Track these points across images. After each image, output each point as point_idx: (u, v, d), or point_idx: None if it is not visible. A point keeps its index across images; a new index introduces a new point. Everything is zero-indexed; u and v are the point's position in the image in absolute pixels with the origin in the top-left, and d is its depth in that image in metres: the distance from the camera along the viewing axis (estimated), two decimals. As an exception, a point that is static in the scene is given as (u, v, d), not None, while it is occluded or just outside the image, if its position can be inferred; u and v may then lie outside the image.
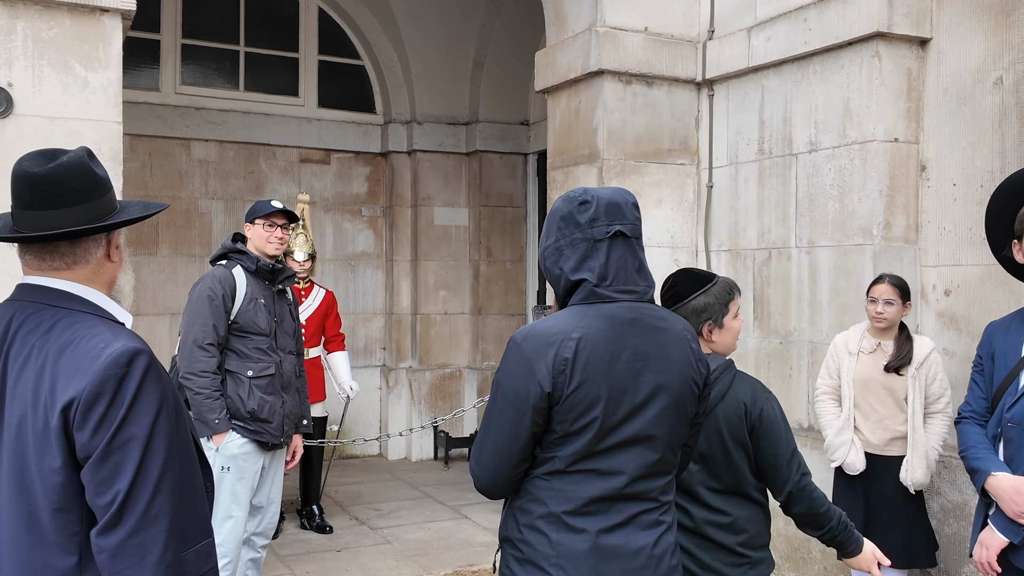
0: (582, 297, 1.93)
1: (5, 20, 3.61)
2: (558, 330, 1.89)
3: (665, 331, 1.96)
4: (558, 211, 1.99)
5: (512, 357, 1.92)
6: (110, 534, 1.50)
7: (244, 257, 3.89)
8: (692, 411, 2.02)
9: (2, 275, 3.50)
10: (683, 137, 5.17)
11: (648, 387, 1.91)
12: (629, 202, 1.98)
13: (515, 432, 1.89)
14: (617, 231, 1.93)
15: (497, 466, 1.93)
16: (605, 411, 1.87)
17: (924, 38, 4.21)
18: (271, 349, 3.87)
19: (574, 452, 1.88)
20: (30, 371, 1.55)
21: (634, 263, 1.96)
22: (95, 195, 1.64)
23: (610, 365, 1.88)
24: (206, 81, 7.68)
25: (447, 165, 8.23)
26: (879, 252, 4.17)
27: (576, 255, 1.93)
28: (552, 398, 1.86)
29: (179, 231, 7.47)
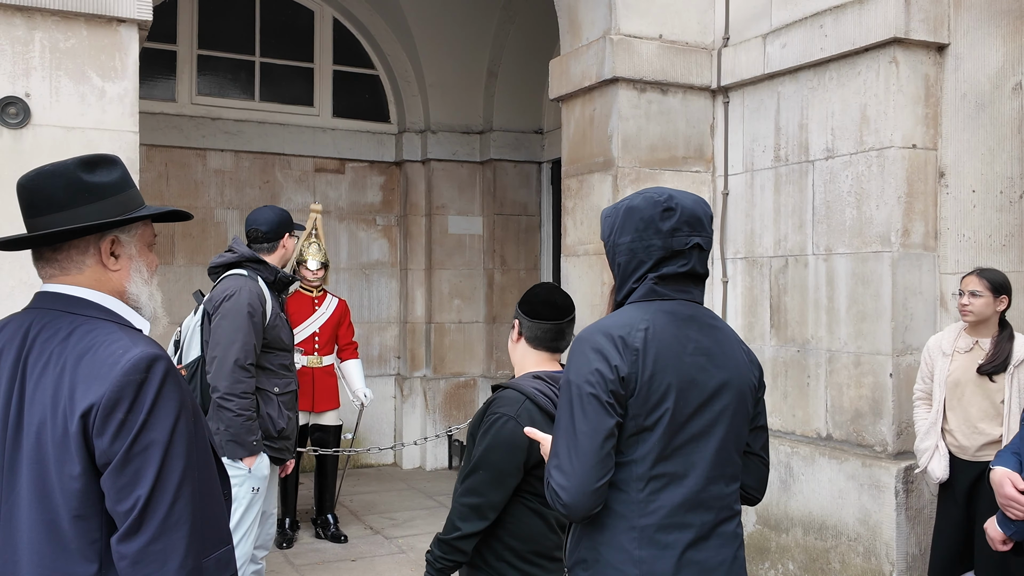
0: (642, 294, 1.91)
1: (23, 31, 3.64)
2: (624, 322, 1.86)
3: (721, 330, 1.96)
4: (638, 211, 1.93)
5: (581, 351, 1.86)
6: (131, 540, 1.49)
7: (264, 268, 3.71)
8: (752, 413, 1.99)
9: (21, 285, 3.52)
10: (698, 145, 5.15)
11: (714, 382, 1.88)
12: (708, 215, 1.96)
13: (597, 425, 1.79)
14: (696, 243, 1.91)
15: (584, 470, 1.79)
16: (676, 403, 1.83)
17: (942, 43, 4.18)
18: (291, 364, 3.79)
19: (648, 452, 1.82)
20: (49, 378, 1.54)
21: (700, 273, 1.95)
22: (79, 202, 1.61)
23: (677, 358, 1.85)
24: (222, 91, 7.72)
25: (461, 174, 8.24)
26: (897, 259, 4.14)
27: (649, 261, 1.91)
28: (627, 386, 1.81)
29: (195, 241, 7.50)
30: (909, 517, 4.05)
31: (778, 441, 4.64)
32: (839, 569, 4.30)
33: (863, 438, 4.28)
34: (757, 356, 4.97)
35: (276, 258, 3.82)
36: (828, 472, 4.35)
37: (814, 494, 4.42)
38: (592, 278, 5.11)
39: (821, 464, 4.39)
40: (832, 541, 4.31)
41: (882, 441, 4.18)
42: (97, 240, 1.65)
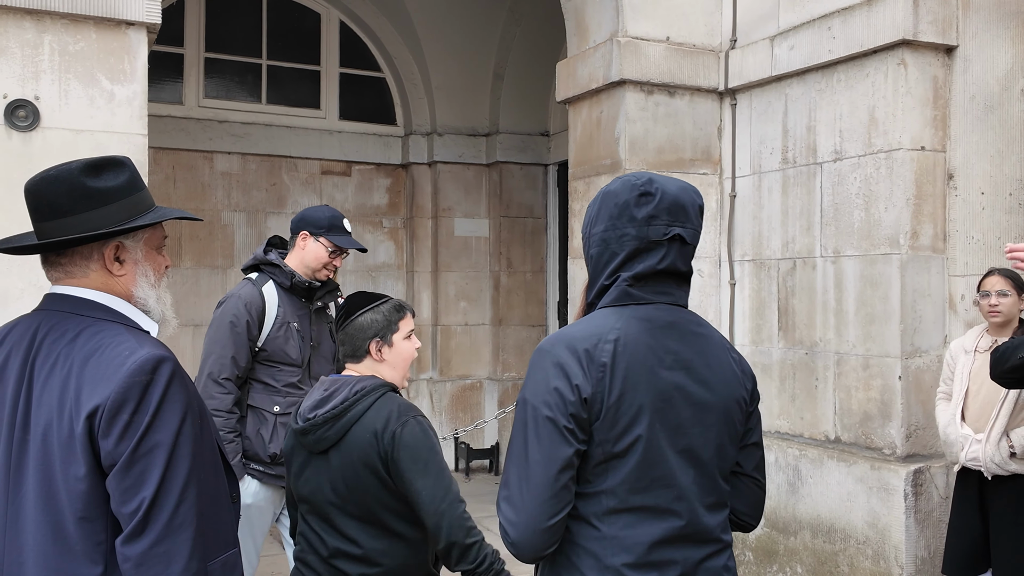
0: (615, 297, 1.67)
1: (32, 34, 3.65)
2: (591, 332, 1.61)
3: (705, 338, 1.71)
4: (613, 195, 1.70)
5: (540, 366, 1.62)
6: (135, 542, 1.48)
7: (277, 271, 3.38)
8: (740, 431, 1.73)
9: (31, 288, 3.53)
10: (705, 147, 5.14)
11: (693, 400, 1.64)
12: (696, 204, 1.71)
13: (552, 453, 1.56)
14: (676, 235, 1.66)
15: (536, 501, 1.56)
16: (651, 426, 1.59)
17: (950, 45, 4.17)
18: (302, 382, 3.34)
19: (621, 483, 1.58)
20: (56, 379, 1.54)
21: (682, 270, 1.71)
22: (81, 208, 1.60)
23: (652, 372, 1.60)
24: (229, 94, 7.73)
25: (467, 176, 8.24)
26: (906, 262, 4.12)
27: (622, 253, 1.67)
28: (591, 408, 1.57)
29: (202, 243, 7.51)
30: (918, 520, 4.04)
31: (786, 444, 4.62)
32: (848, 572, 4.28)
33: (872, 441, 4.27)
34: (765, 358, 4.98)
35: (294, 260, 3.43)
36: (836, 475, 4.33)
37: (822, 497, 4.40)
38: (599, 280, 5.10)
39: (829, 467, 4.37)
40: (840, 544, 4.29)
41: (891, 444, 4.17)
42: (101, 246, 1.64)
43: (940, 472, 4.09)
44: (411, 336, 2.42)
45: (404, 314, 2.41)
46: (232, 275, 7.64)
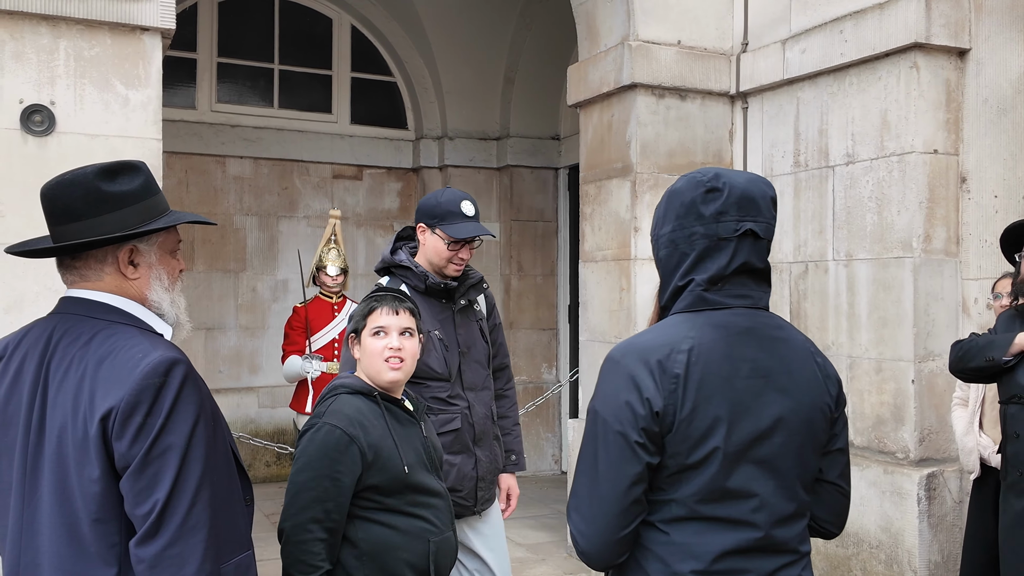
0: (688, 303, 1.60)
1: (48, 39, 3.68)
2: (664, 341, 1.55)
3: (786, 342, 1.63)
4: (679, 194, 1.63)
5: (610, 377, 1.58)
6: (148, 544, 1.49)
7: (409, 274, 2.98)
8: (824, 439, 1.65)
9: (46, 291, 3.55)
10: (717, 150, 5.14)
11: (774, 409, 1.57)
12: (768, 196, 1.63)
13: (621, 469, 1.52)
14: (748, 230, 1.58)
15: (605, 516, 1.53)
16: (727, 439, 1.52)
17: (963, 48, 4.15)
18: (454, 396, 2.95)
19: (694, 493, 1.53)
20: (70, 382, 1.56)
21: (758, 268, 1.63)
22: (95, 212, 1.61)
23: (728, 382, 1.54)
24: (241, 99, 7.77)
25: (478, 180, 8.25)
26: (919, 265, 4.11)
27: (692, 254, 1.60)
28: (663, 422, 1.51)
29: (214, 247, 7.55)
30: (931, 524, 4.02)
31: (798, 448, 4.61)
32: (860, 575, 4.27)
33: (885, 445, 4.25)
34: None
35: (423, 258, 3.03)
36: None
37: (835, 501, 4.39)
38: (610, 284, 5.11)
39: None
40: (853, 548, 4.27)
41: (904, 448, 4.15)
42: (115, 250, 1.65)
43: (953, 476, 4.07)
44: (379, 333, 2.32)
45: (375, 309, 2.34)
46: (244, 279, 7.68)
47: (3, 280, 3.57)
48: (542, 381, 8.10)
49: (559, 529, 5.85)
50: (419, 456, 2.33)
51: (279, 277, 7.79)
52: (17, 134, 3.62)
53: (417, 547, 2.27)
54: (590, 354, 5.32)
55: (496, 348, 3.25)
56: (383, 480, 2.22)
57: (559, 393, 7.85)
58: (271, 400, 7.59)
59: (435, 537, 2.30)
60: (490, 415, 3.05)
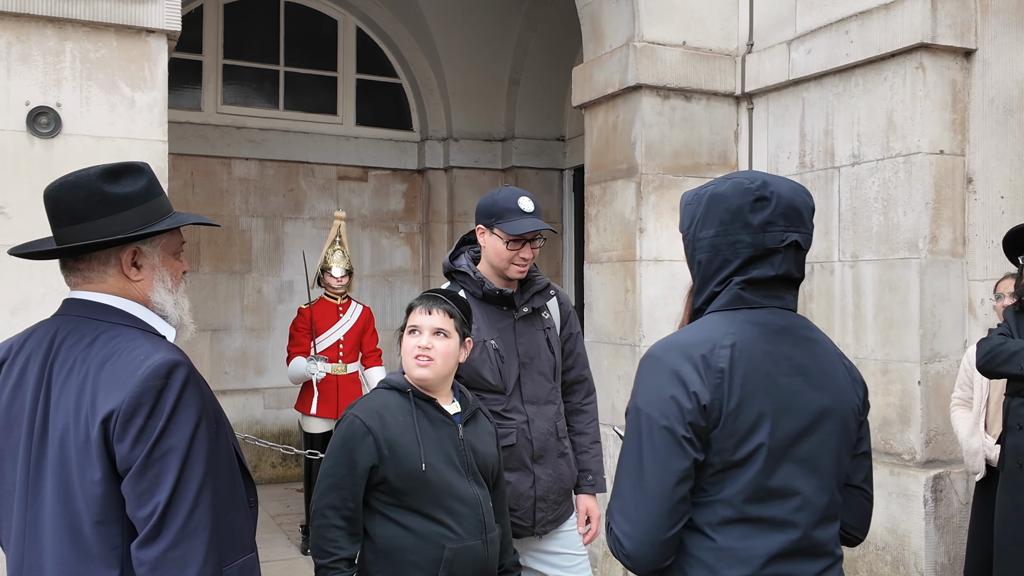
0: (726, 301, 1.59)
1: (54, 42, 3.69)
2: (705, 337, 1.54)
3: (817, 343, 1.64)
4: (724, 199, 1.60)
5: (652, 373, 1.55)
6: (150, 547, 1.49)
7: (467, 280, 2.81)
8: (854, 439, 1.65)
9: (52, 293, 3.56)
10: (722, 151, 5.13)
11: (814, 407, 1.56)
12: (809, 207, 1.63)
13: (668, 465, 1.49)
14: (793, 241, 1.58)
15: (652, 515, 1.49)
16: (772, 434, 1.51)
17: (969, 49, 4.14)
18: (510, 410, 2.75)
19: (740, 491, 1.51)
20: (73, 384, 1.56)
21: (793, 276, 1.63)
22: (99, 214, 1.61)
23: (769, 379, 1.53)
24: (247, 101, 7.79)
25: (483, 181, 8.25)
26: (925, 266, 4.10)
27: (736, 261, 1.59)
28: (710, 416, 1.49)
29: (220, 248, 7.56)
30: (938, 526, 4.00)
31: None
32: (866, 579, 4.25)
33: (891, 446, 4.24)
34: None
35: (484, 262, 2.85)
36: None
37: (841, 503, 4.38)
38: (615, 285, 5.10)
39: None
40: (860, 550, 4.26)
41: (910, 449, 4.14)
42: (118, 251, 1.65)
43: (960, 478, 4.06)
44: (413, 331, 2.36)
45: (413, 307, 2.40)
46: (250, 280, 7.69)
47: (9, 282, 3.58)
48: (547, 382, 8.09)
49: (564, 530, 5.84)
50: (448, 458, 2.28)
51: (284, 278, 7.80)
52: (23, 136, 3.64)
53: (429, 552, 2.21)
54: (595, 355, 5.31)
55: (572, 359, 3.04)
56: (398, 475, 2.21)
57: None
58: (277, 401, 7.60)
59: (453, 544, 2.23)
60: (554, 431, 2.82)
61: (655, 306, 4.92)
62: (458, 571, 2.23)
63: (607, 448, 4.45)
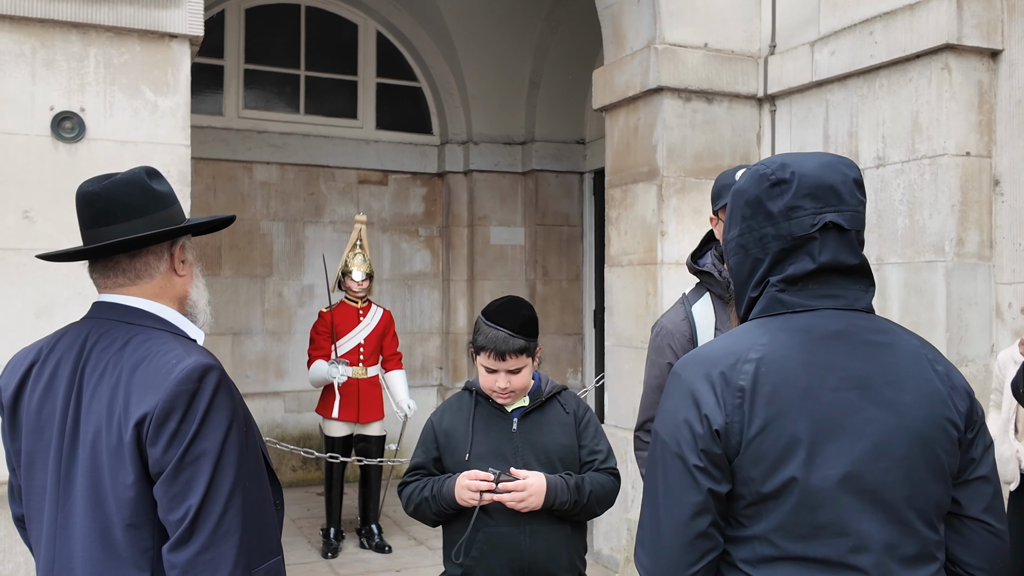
0: (764, 307, 1.40)
1: (78, 47, 3.72)
2: (730, 350, 1.36)
3: (890, 348, 1.38)
4: (743, 192, 1.43)
5: (671, 393, 1.39)
6: (181, 550, 1.50)
7: (712, 280, 2.57)
8: (952, 463, 1.37)
9: (76, 296, 3.59)
10: (744, 153, 5.10)
11: (873, 427, 1.31)
12: (849, 178, 1.40)
13: (681, 497, 1.33)
14: (829, 222, 1.36)
15: (668, 551, 1.34)
16: (808, 463, 1.29)
17: (995, 49, 4.09)
18: None
19: (778, 528, 1.30)
20: (105, 387, 1.56)
21: (848, 264, 1.40)
22: (153, 209, 1.66)
23: (809, 396, 1.31)
24: (268, 105, 7.83)
25: (503, 185, 8.25)
26: (951, 269, 4.05)
27: (767, 258, 1.40)
28: (728, 442, 1.31)
29: (241, 252, 7.60)
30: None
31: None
32: None
33: (916, 452, 4.18)
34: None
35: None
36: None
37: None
38: (636, 288, 5.08)
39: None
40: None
41: (936, 455, 4.08)
42: (170, 246, 1.69)
43: (988, 484, 4.00)
44: (489, 370, 2.43)
45: (483, 350, 2.41)
46: (271, 284, 7.73)
47: (34, 285, 3.61)
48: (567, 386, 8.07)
49: (585, 535, 5.82)
50: (498, 450, 2.41)
51: (305, 282, 7.83)
52: (48, 141, 3.67)
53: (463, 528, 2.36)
54: (616, 359, 5.29)
55: None
56: (450, 463, 2.44)
57: (585, 398, 7.82)
58: (297, 405, 7.62)
59: (487, 528, 2.35)
60: None
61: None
62: (488, 554, 2.35)
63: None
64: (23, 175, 3.62)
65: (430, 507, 2.40)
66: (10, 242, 3.60)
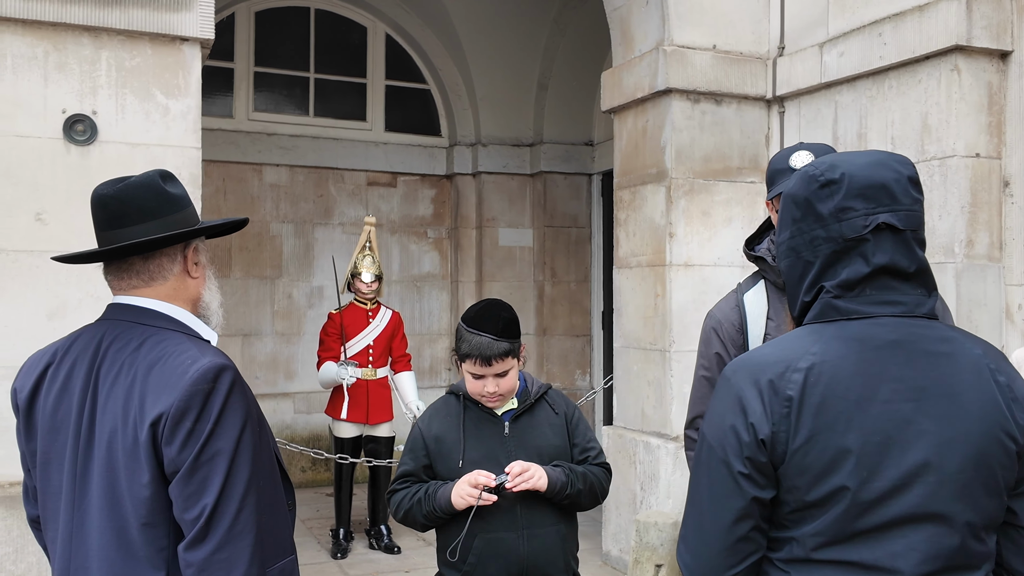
0: (817, 313, 1.37)
1: (90, 50, 3.74)
2: (780, 357, 1.34)
3: (951, 358, 1.33)
4: (792, 194, 1.40)
5: (720, 397, 1.39)
6: (197, 549, 1.51)
7: (767, 268, 2.45)
8: (1008, 477, 1.34)
9: (88, 298, 3.61)
10: (753, 155, 5.10)
11: (926, 440, 1.29)
12: (903, 176, 1.36)
13: (725, 502, 1.33)
14: (882, 223, 1.32)
15: (710, 552, 1.35)
16: (858, 475, 1.27)
17: (1005, 51, 4.08)
18: None
19: (818, 533, 1.30)
20: (120, 388, 1.58)
21: (905, 267, 1.34)
22: (167, 211, 1.67)
23: (860, 407, 1.29)
24: (277, 107, 7.86)
25: (511, 186, 8.26)
26: (961, 270, 4.04)
27: (817, 262, 1.36)
28: (773, 451, 1.30)
29: (251, 254, 7.63)
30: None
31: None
32: None
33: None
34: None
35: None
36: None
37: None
38: (645, 290, 5.08)
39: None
40: None
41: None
42: (183, 248, 1.71)
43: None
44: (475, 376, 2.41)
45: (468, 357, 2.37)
46: (281, 285, 7.75)
47: (47, 287, 3.64)
48: (576, 388, 8.08)
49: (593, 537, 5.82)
50: (491, 455, 2.38)
51: (314, 284, 7.86)
52: (60, 143, 3.69)
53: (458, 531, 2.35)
54: (624, 361, 5.29)
55: None
56: (442, 470, 2.39)
57: (593, 400, 7.83)
58: (307, 406, 7.65)
59: (484, 533, 2.33)
60: None
61: (685, 311, 4.89)
62: (485, 559, 2.33)
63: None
64: (35, 178, 3.65)
65: (420, 508, 2.36)
66: (22, 244, 3.62)
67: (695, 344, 2.69)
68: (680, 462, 4.84)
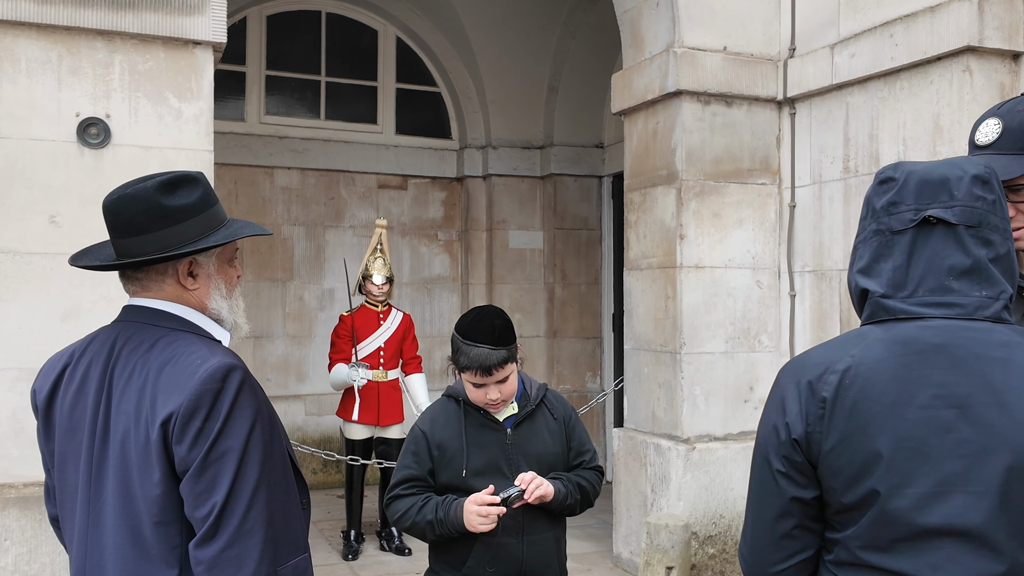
0: (869, 312, 1.36)
1: (103, 54, 3.77)
2: (824, 359, 1.34)
3: (1005, 364, 1.26)
4: (866, 197, 1.41)
5: (771, 395, 1.41)
6: (207, 546, 1.52)
7: None
8: None
9: (101, 300, 3.64)
10: (764, 157, 5.09)
11: (968, 448, 1.24)
12: (967, 174, 1.32)
13: (767, 499, 1.37)
14: (930, 217, 1.29)
15: (758, 545, 1.39)
16: (888, 480, 1.25)
17: (1017, 51, 4.07)
18: None
19: (857, 537, 1.29)
20: (133, 388, 1.60)
21: (957, 263, 1.29)
22: (155, 227, 1.64)
23: (895, 411, 1.26)
24: (289, 111, 7.89)
25: (522, 189, 8.27)
26: (973, 272, 4.02)
27: (868, 254, 1.36)
28: (808, 452, 1.31)
29: (262, 257, 7.66)
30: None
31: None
32: None
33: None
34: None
35: None
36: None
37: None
38: (656, 292, 5.08)
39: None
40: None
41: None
42: (175, 263, 1.69)
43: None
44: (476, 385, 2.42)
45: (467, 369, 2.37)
46: (292, 288, 7.78)
47: (60, 289, 3.66)
48: (586, 390, 8.08)
49: (604, 539, 5.81)
50: (493, 462, 2.40)
51: (326, 286, 7.88)
52: (74, 147, 3.72)
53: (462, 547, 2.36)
54: (635, 363, 5.29)
55: None
56: (449, 478, 2.39)
57: (603, 402, 7.82)
58: (318, 408, 7.67)
59: (485, 537, 2.35)
60: None
61: (696, 313, 4.88)
62: (486, 563, 2.37)
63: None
64: (49, 181, 3.68)
65: (432, 529, 2.34)
66: (36, 247, 3.65)
67: (706, 346, 2.74)
68: (691, 464, 4.83)
